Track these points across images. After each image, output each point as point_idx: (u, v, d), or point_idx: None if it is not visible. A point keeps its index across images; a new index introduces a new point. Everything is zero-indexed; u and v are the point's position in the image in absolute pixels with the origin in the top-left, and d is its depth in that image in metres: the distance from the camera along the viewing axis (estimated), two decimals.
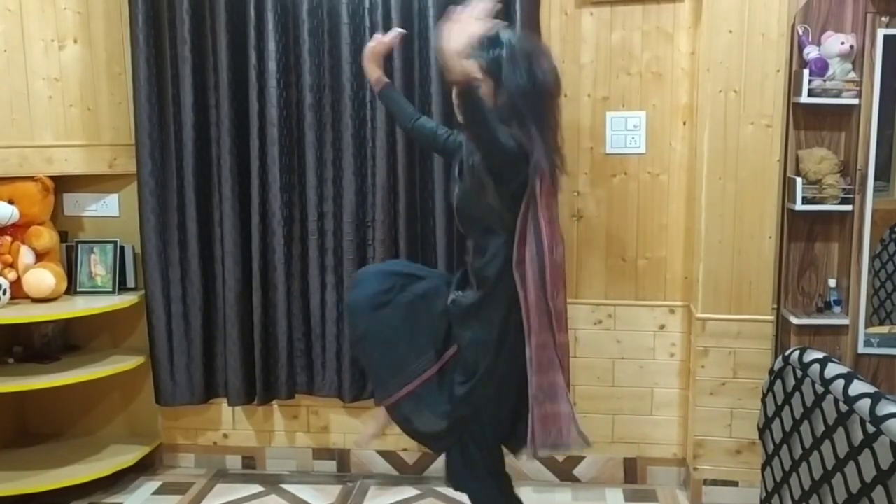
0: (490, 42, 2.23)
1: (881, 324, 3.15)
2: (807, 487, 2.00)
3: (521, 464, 3.37)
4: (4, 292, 3.23)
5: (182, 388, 3.43)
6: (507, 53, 2.24)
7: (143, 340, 3.47)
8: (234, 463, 3.59)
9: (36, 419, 3.65)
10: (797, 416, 2.07)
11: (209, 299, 3.40)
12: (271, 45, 3.18)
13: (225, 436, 3.58)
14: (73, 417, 3.63)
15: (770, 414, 2.22)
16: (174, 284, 3.37)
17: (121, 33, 3.32)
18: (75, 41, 3.30)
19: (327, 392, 3.40)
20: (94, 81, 3.34)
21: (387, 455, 3.50)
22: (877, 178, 3.05)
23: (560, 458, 3.40)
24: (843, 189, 3.06)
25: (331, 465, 3.54)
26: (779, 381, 2.17)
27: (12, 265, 3.32)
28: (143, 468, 3.51)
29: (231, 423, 3.56)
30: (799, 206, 3.05)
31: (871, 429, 1.72)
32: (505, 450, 2.54)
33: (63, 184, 3.43)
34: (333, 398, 3.41)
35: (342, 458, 3.53)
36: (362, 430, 2.89)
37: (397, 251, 3.24)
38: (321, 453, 3.55)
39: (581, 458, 3.40)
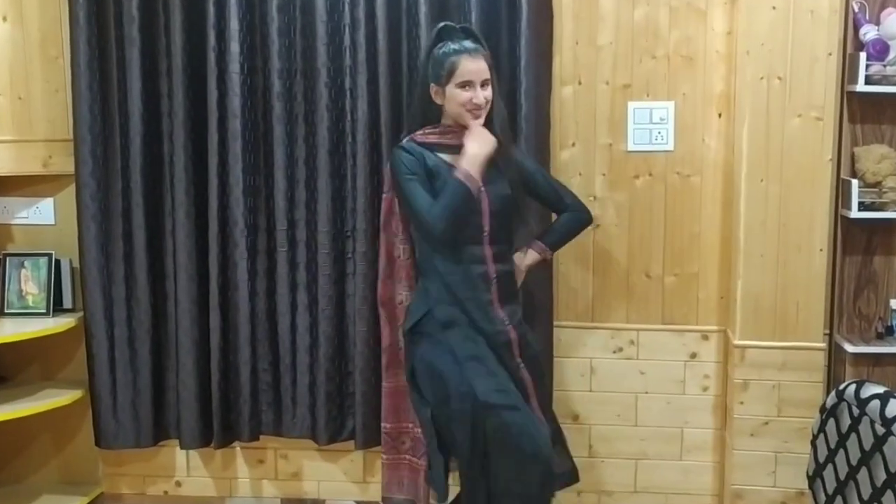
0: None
1: None
2: None
3: None
4: None
5: (126, 428, 3.42)
6: None
7: (81, 371, 3.46)
8: None
9: None
10: (854, 462, 2.07)
11: (159, 323, 3.41)
12: (234, 24, 3.18)
13: (178, 484, 3.58)
14: None
15: (822, 459, 2.24)
16: (118, 305, 3.37)
17: (58, 10, 3.33)
18: (4, 19, 3.30)
19: (298, 432, 3.40)
20: (25, 66, 3.34)
21: None
22: None
23: None
24: None
25: None
26: (832, 420, 2.19)
27: None
28: None
29: (185, 469, 3.57)
30: (855, 213, 3.06)
31: None
32: None
33: None
34: (306, 439, 3.41)
35: None
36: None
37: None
38: None
39: None
